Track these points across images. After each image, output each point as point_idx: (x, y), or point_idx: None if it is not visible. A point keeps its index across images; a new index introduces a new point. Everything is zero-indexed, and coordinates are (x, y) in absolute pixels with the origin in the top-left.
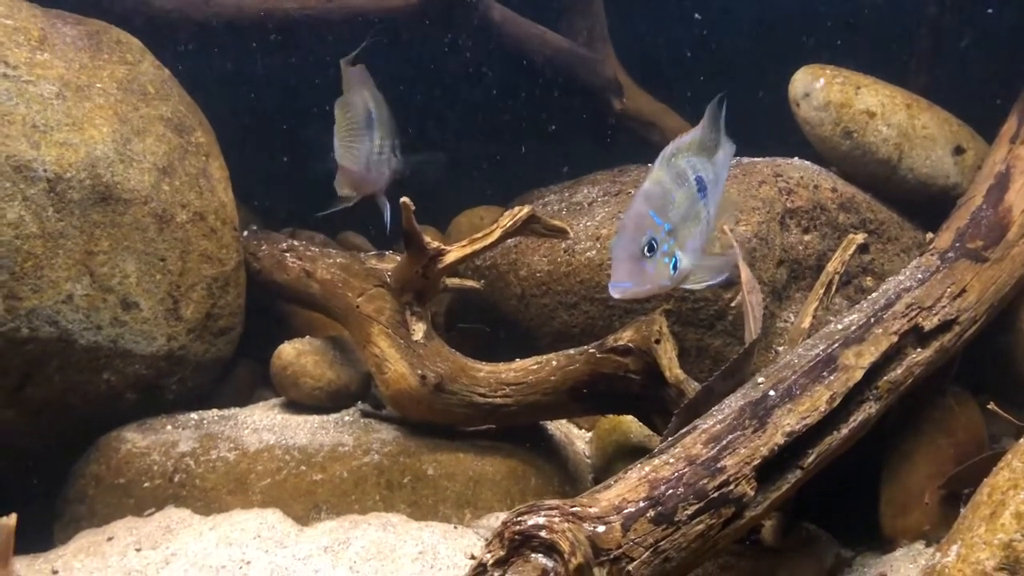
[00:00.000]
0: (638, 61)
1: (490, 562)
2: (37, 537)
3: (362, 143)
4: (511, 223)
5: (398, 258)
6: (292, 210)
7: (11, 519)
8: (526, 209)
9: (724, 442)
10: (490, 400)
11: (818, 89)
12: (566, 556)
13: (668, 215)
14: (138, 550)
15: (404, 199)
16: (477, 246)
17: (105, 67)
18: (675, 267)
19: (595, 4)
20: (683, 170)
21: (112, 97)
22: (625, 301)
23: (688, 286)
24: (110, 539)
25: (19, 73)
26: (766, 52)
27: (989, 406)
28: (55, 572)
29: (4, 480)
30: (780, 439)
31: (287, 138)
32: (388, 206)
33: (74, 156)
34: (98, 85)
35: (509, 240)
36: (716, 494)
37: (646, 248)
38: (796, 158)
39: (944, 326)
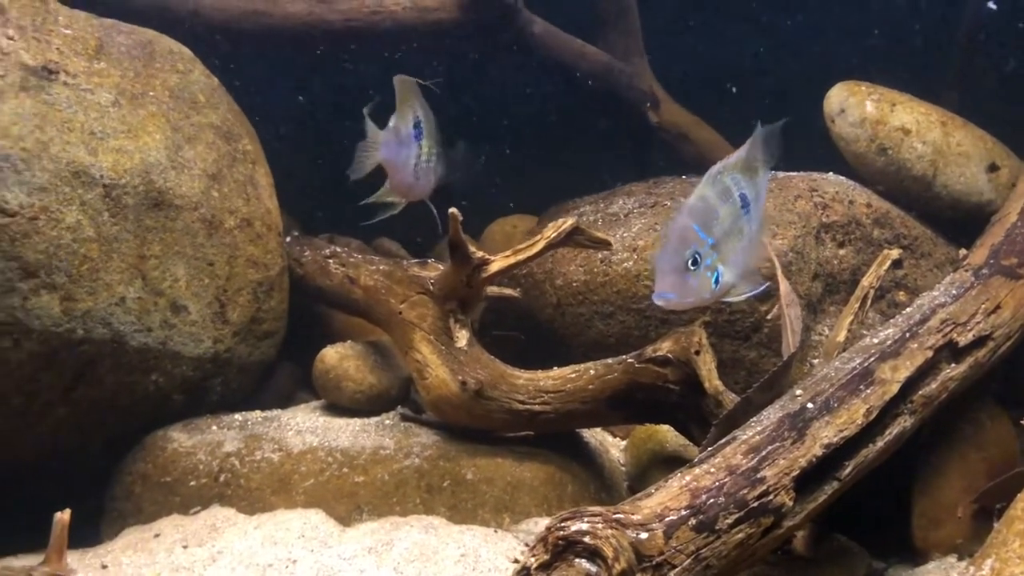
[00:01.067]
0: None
1: (534, 566)
2: (84, 532)
3: (409, 151)
4: (555, 234)
5: (440, 266)
6: (329, 216)
7: (65, 514)
8: (570, 221)
9: (763, 453)
10: (529, 407)
11: (854, 106)
12: (610, 562)
13: (712, 230)
14: (185, 547)
15: (452, 210)
16: (521, 256)
17: (158, 76)
18: (717, 281)
19: (631, 18)
20: (728, 187)
21: (164, 105)
22: (665, 312)
23: (728, 299)
24: (157, 536)
25: (78, 81)
26: (797, 69)
27: (1022, 422)
28: (104, 567)
29: (54, 476)
30: (818, 451)
31: (327, 146)
32: (435, 210)
33: (129, 162)
34: (151, 93)
35: None
36: (756, 504)
37: (690, 261)
38: (831, 173)
39: (978, 342)
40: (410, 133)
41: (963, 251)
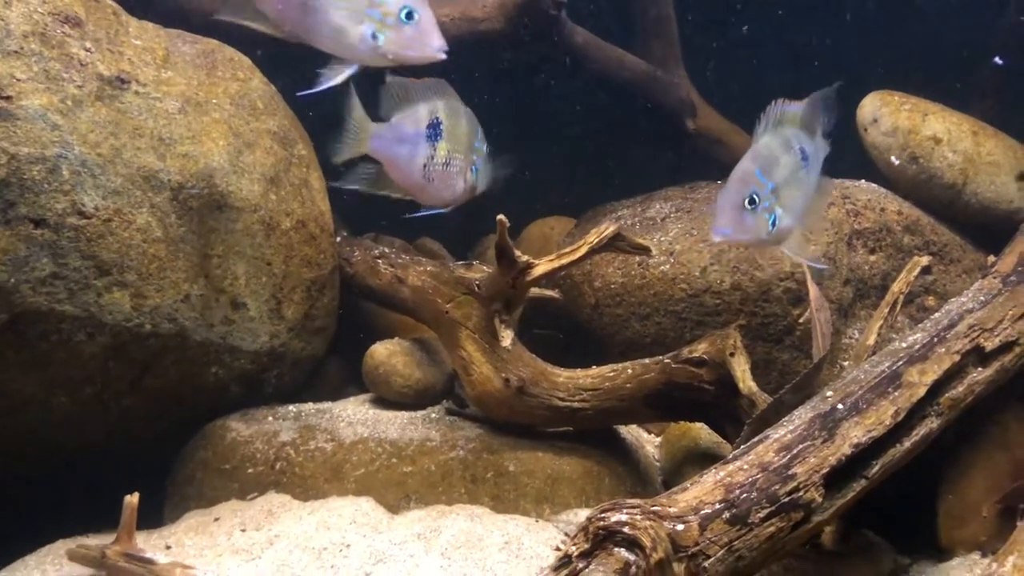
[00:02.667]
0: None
1: (575, 554)
2: (148, 514)
3: (414, 149)
4: (598, 240)
5: (485, 268)
6: (371, 215)
7: (134, 497)
8: (612, 227)
9: (795, 451)
10: (568, 404)
11: (887, 115)
12: (647, 551)
13: (772, 175)
14: (243, 531)
15: (500, 217)
16: (564, 261)
17: (220, 84)
18: (774, 223)
19: (670, 28)
20: (789, 139)
21: (226, 112)
22: (700, 314)
23: (788, 252)
24: (217, 520)
25: (148, 90)
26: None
27: None
28: (168, 547)
29: (120, 460)
30: (847, 450)
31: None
32: (435, 210)
33: (194, 167)
34: (214, 101)
35: None
36: (787, 499)
37: (747, 200)
38: (863, 181)
39: (1005, 347)
40: (419, 132)
41: (991, 258)
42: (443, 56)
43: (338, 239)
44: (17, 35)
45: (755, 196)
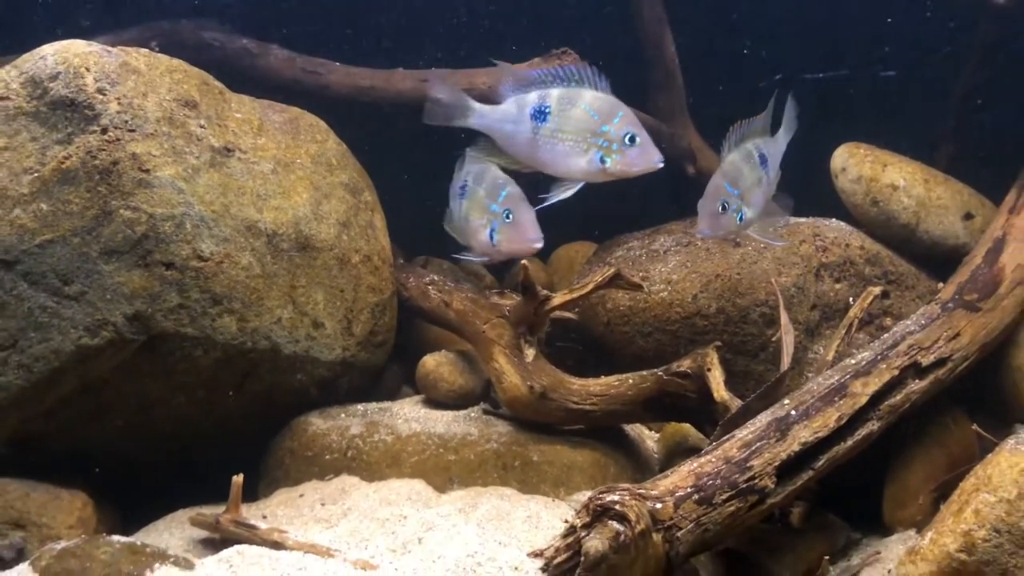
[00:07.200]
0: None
1: (579, 525)
2: (244, 490)
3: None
4: (601, 279)
5: (515, 296)
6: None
7: (239, 477)
8: (613, 269)
9: (753, 448)
10: (581, 407)
11: (853, 165)
12: (633, 523)
13: (738, 184)
14: (323, 505)
15: (523, 262)
16: (575, 295)
17: (302, 146)
18: (741, 218)
19: (676, 82)
20: (750, 151)
21: (308, 170)
22: (692, 333)
23: (754, 234)
24: (301, 496)
25: (248, 156)
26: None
27: (972, 427)
28: (265, 516)
29: (225, 448)
30: (796, 447)
31: (425, 188)
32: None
33: (284, 217)
34: (298, 161)
35: None
36: (745, 485)
37: (720, 207)
38: (833, 219)
39: (939, 363)
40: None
41: (940, 284)
42: (662, 166)
43: (396, 265)
44: (152, 120)
45: (724, 204)
